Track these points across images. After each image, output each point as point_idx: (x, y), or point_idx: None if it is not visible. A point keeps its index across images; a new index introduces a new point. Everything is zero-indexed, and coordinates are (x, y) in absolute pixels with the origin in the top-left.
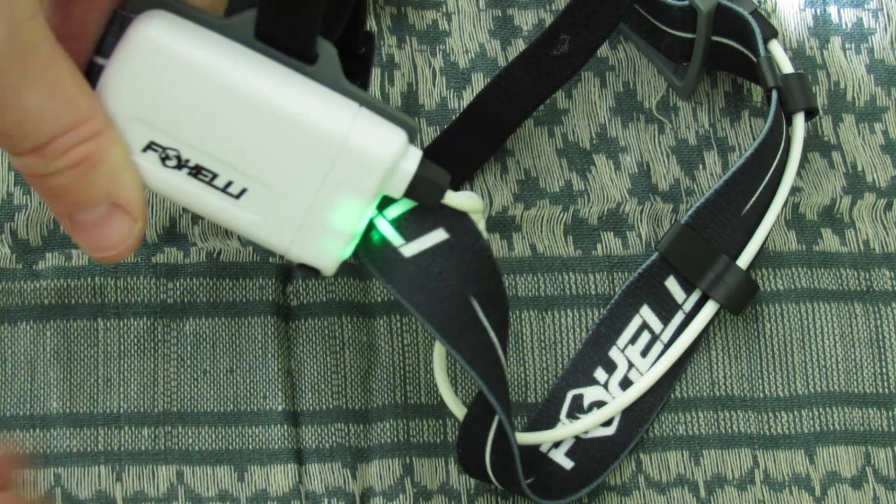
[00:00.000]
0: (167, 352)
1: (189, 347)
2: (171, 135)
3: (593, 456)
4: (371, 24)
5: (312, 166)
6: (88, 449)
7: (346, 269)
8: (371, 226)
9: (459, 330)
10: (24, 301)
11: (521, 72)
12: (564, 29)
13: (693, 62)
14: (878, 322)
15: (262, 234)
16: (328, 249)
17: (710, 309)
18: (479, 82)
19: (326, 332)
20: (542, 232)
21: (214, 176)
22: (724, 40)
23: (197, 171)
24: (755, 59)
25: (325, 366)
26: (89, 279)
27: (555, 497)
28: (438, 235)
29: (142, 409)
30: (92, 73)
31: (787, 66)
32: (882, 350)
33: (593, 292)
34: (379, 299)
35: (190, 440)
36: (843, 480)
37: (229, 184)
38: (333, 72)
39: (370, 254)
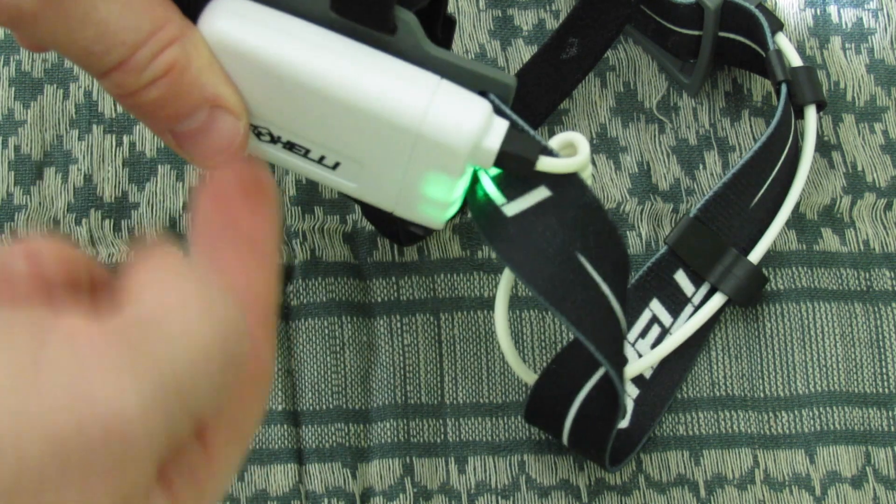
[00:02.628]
0: None
1: None
2: (256, 118)
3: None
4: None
5: (394, 150)
6: None
7: (347, 268)
8: (476, 179)
9: (564, 291)
10: None
11: (532, 78)
12: (572, 32)
13: (701, 59)
14: (878, 322)
15: (364, 198)
16: (429, 213)
17: (719, 297)
18: None
19: (326, 331)
20: None
21: (308, 150)
22: (732, 35)
23: (291, 146)
24: (763, 53)
25: (324, 366)
26: None
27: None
28: (541, 193)
29: None
30: None
31: (795, 59)
32: (882, 350)
33: None
34: (379, 299)
35: None
36: (843, 480)
37: (323, 157)
38: (415, 40)
39: (476, 210)
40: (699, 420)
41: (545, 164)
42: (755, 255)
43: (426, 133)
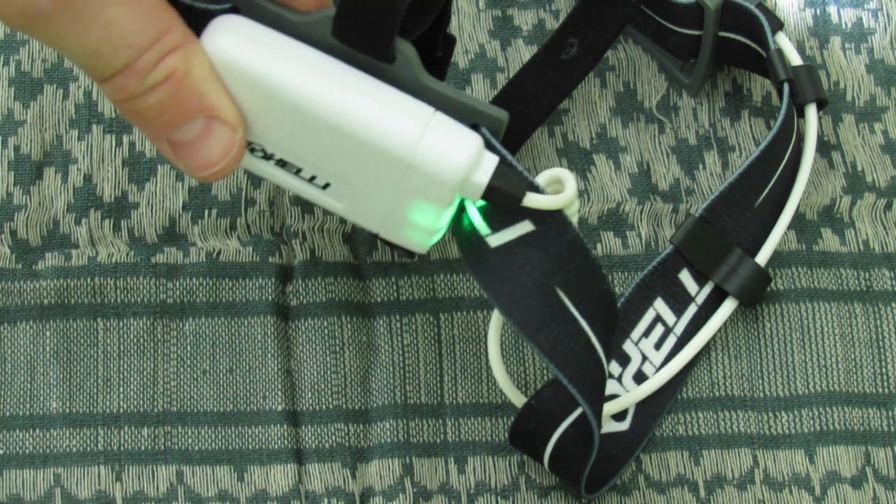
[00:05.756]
0: (167, 352)
1: (189, 347)
2: (252, 135)
3: (608, 452)
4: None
5: (385, 176)
6: (88, 449)
7: (346, 268)
8: (463, 208)
9: (539, 323)
10: (24, 301)
11: (531, 78)
12: (572, 32)
13: (701, 59)
14: (878, 322)
15: (351, 218)
16: (414, 238)
17: (728, 307)
18: (478, 82)
19: (326, 332)
20: None
21: (299, 169)
22: (732, 35)
23: (283, 164)
24: (764, 53)
25: (324, 366)
26: (89, 279)
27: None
28: (524, 227)
29: (141, 409)
30: None
31: (795, 58)
32: (882, 350)
33: None
34: (379, 299)
35: (190, 440)
36: (842, 480)
37: (314, 177)
38: (412, 70)
39: (461, 238)
40: (699, 420)
41: (531, 200)
42: (762, 257)
43: (417, 163)
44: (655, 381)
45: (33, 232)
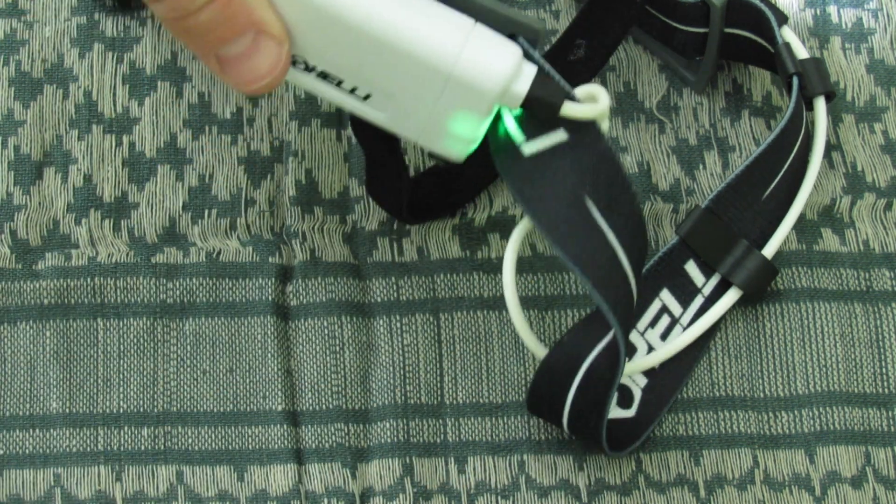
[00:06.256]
0: (167, 352)
1: (189, 347)
2: (295, 48)
3: (614, 437)
4: None
5: (426, 88)
6: (88, 449)
7: (346, 268)
8: (499, 117)
9: (568, 230)
10: (24, 301)
11: None
12: (580, 34)
13: (707, 56)
14: (878, 322)
15: (391, 128)
16: (452, 147)
17: (734, 293)
18: None
19: (326, 331)
20: None
21: (341, 81)
22: (738, 31)
23: (325, 76)
24: (771, 48)
25: (324, 366)
26: (89, 279)
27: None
28: (558, 136)
29: (141, 409)
30: None
31: (801, 52)
32: (882, 350)
33: None
34: (379, 299)
35: (190, 440)
36: (843, 480)
37: (355, 89)
38: None
39: (495, 146)
40: (699, 420)
41: (568, 109)
42: (769, 250)
43: (458, 75)
44: (654, 357)
45: (33, 232)
